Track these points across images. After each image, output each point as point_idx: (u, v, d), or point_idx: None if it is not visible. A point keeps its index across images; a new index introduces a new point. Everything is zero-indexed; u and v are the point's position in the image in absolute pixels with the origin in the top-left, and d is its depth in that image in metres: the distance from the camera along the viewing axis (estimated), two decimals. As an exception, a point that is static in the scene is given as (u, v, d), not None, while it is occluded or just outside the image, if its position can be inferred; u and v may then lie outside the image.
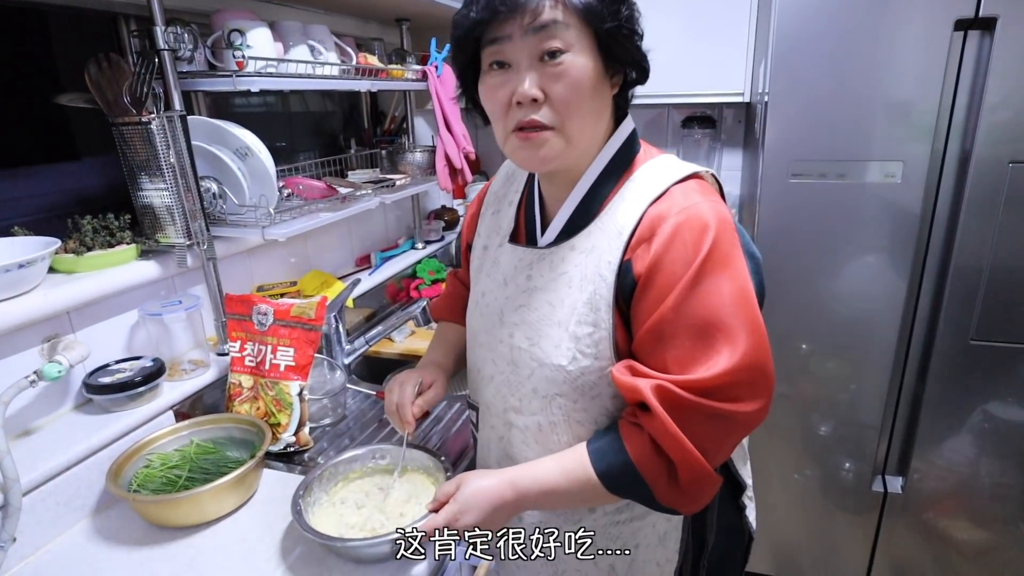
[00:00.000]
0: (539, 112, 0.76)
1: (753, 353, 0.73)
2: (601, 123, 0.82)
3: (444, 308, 1.19)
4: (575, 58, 0.74)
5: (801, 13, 1.53)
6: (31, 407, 1.10)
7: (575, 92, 0.75)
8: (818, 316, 1.75)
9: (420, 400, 1.00)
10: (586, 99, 0.76)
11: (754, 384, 0.75)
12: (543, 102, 0.76)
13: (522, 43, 0.74)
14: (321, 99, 1.94)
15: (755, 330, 0.74)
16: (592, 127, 0.80)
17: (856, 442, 1.84)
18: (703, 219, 0.75)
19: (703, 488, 0.78)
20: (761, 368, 0.75)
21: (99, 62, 1.11)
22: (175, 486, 1.06)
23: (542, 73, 0.75)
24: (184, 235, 1.21)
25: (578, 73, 0.75)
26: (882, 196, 1.60)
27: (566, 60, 0.74)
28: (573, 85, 0.75)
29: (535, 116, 0.76)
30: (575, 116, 0.77)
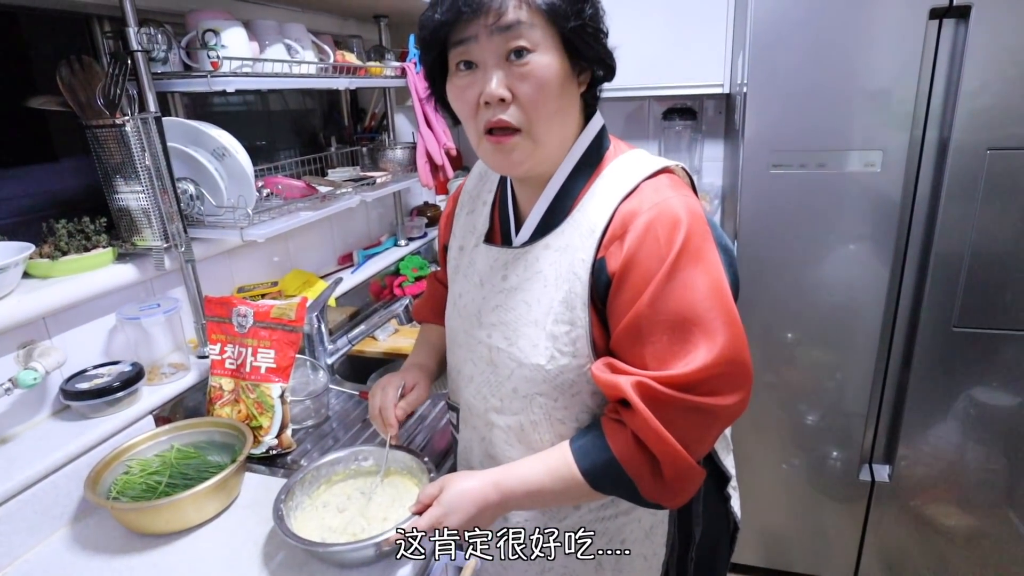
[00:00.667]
0: (507, 112, 0.76)
1: (730, 346, 0.73)
2: (569, 122, 0.82)
3: (425, 309, 1.19)
4: (541, 57, 0.74)
5: (778, 4, 1.53)
6: (7, 415, 1.08)
7: (541, 91, 0.75)
8: (802, 305, 1.76)
9: (403, 403, 1.01)
10: (553, 98, 0.76)
11: (733, 377, 0.75)
12: (511, 102, 0.75)
13: (488, 43, 0.74)
14: (301, 97, 1.92)
15: (731, 323, 0.74)
16: (560, 127, 0.80)
17: (843, 431, 1.85)
18: (674, 214, 0.75)
19: (687, 482, 0.78)
20: (739, 361, 0.75)
21: (71, 64, 1.09)
22: (155, 492, 1.04)
23: (508, 73, 0.75)
24: (161, 237, 1.19)
25: (544, 72, 0.74)
26: (862, 185, 1.61)
27: (532, 59, 0.74)
28: (539, 84, 0.75)
29: (503, 116, 0.76)
30: (542, 116, 0.77)
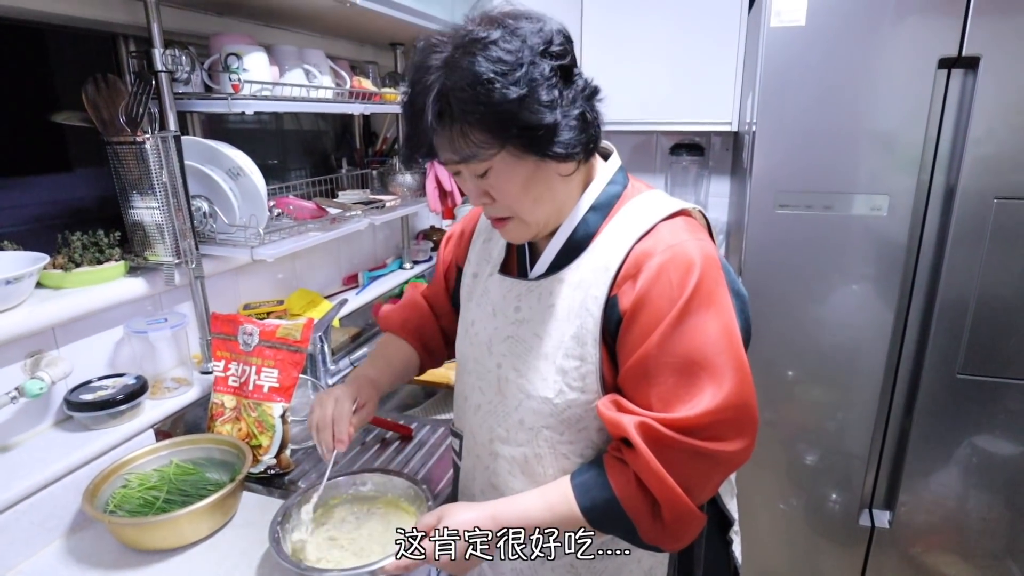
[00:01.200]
0: (493, 207, 0.83)
1: (737, 392, 0.73)
2: (562, 194, 0.83)
3: (396, 320, 1.14)
4: (500, 171, 0.77)
5: (788, 46, 1.56)
6: (10, 423, 1.09)
7: (509, 195, 0.79)
8: (804, 343, 1.76)
9: (355, 419, 0.97)
10: (524, 194, 0.79)
11: (738, 423, 0.75)
12: (493, 201, 0.81)
13: (458, 166, 0.79)
14: (314, 119, 1.96)
15: (739, 369, 0.74)
16: (548, 204, 0.82)
17: (843, 473, 1.83)
18: (689, 257, 0.75)
19: (687, 527, 0.77)
20: (745, 407, 0.75)
21: (96, 82, 1.12)
22: (152, 508, 1.04)
23: (482, 183, 0.80)
24: (173, 253, 1.21)
25: (506, 183, 0.78)
26: (868, 228, 1.62)
27: (491, 175, 0.78)
28: (505, 191, 0.79)
29: (491, 210, 0.84)
30: (523, 207, 0.81)
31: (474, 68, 0.70)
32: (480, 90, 0.70)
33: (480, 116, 0.72)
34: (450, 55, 0.72)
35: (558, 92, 0.73)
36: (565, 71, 0.75)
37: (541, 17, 0.76)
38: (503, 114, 0.71)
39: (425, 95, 0.73)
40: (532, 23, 0.74)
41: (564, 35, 0.76)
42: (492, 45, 0.71)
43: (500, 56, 0.70)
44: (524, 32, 0.73)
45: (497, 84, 0.69)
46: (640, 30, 2.06)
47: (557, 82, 0.74)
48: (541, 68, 0.72)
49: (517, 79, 0.70)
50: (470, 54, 0.70)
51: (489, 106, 0.70)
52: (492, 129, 0.73)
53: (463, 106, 0.71)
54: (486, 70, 0.69)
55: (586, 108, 0.77)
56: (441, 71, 0.72)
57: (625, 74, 2.09)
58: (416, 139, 0.77)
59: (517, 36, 0.72)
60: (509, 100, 0.70)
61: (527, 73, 0.71)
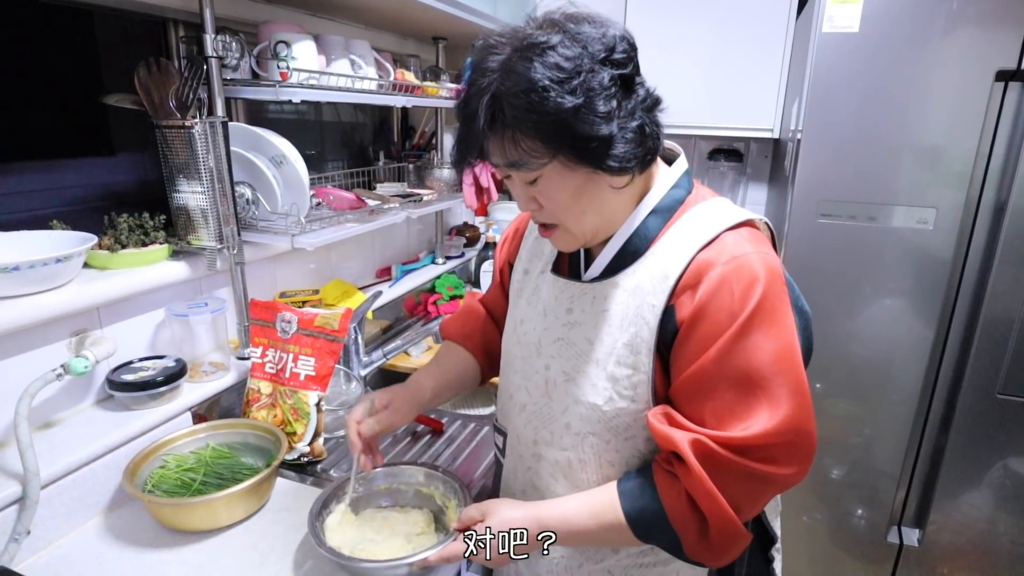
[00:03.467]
0: (541, 213, 0.81)
1: (794, 416, 0.71)
2: (610, 206, 0.80)
3: (455, 327, 1.15)
4: (550, 179, 0.76)
5: (839, 53, 1.53)
6: (54, 400, 1.11)
7: (559, 205, 0.78)
8: (837, 356, 1.73)
9: (369, 420, 0.96)
10: (572, 206, 0.78)
11: (793, 447, 0.73)
12: (540, 207, 0.80)
13: (507, 171, 0.78)
14: (353, 110, 1.96)
15: (798, 391, 0.72)
16: (596, 216, 0.80)
17: (871, 489, 1.80)
18: (752, 270, 0.73)
19: (732, 545, 0.76)
20: (802, 432, 0.72)
21: (149, 65, 1.13)
22: (189, 489, 1.06)
23: (531, 189, 0.78)
24: (216, 239, 1.22)
25: (555, 193, 0.77)
26: (913, 242, 1.59)
27: (541, 183, 0.77)
28: (554, 200, 0.78)
29: (538, 216, 0.83)
30: (570, 217, 0.80)
31: (530, 74, 0.68)
32: (534, 97, 0.68)
33: (533, 124, 0.70)
34: (507, 58, 0.70)
35: (616, 103, 0.71)
36: (626, 80, 0.73)
37: (605, 21, 0.74)
38: (556, 123, 0.69)
39: (479, 97, 0.71)
40: (595, 28, 0.72)
41: (628, 42, 0.74)
42: (551, 51, 0.69)
43: (558, 63, 0.68)
44: (585, 38, 0.70)
45: (552, 92, 0.68)
46: (684, 32, 2.03)
47: (616, 92, 0.71)
48: (600, 77, 0.69)
49: (574, 88, 0.68)
50: (527, 59, 0.69)
51: (542, 114, 0.69)
52: (544, 138, 0.71)
53: (516, 112, 0.70)
54: (542, 77, 0.68)
55: (645, 120, 0.74)
56: (497, 74, 0.70)
57: (666, 76, 2.05)
58: (468, 141, 0.76)
59: (578, 42, 0.70)
60: (564, 109, 0.68)
61: (585, 82, 0.68)
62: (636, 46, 0.75)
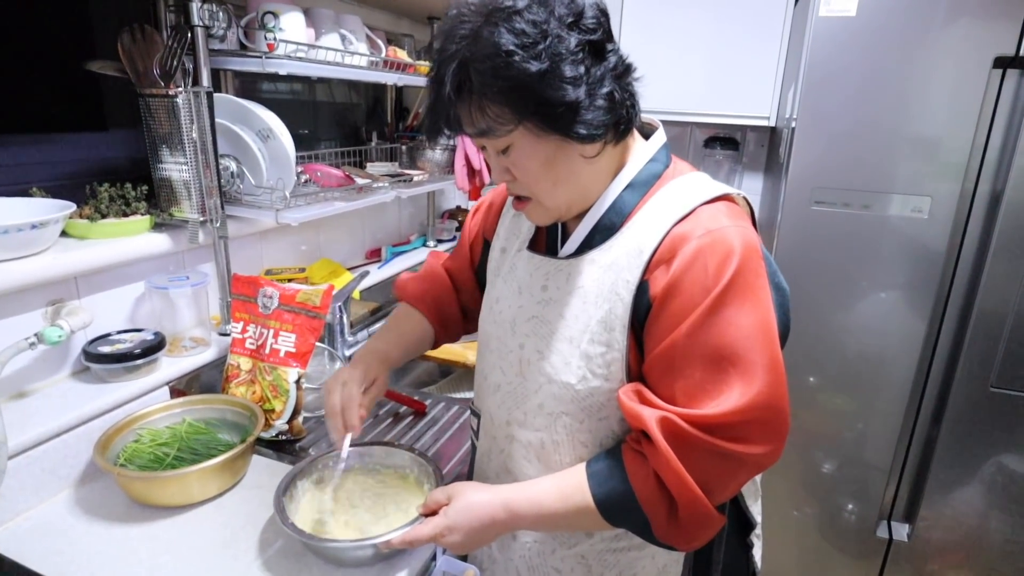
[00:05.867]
0: (515, 185, 0.80)
1: (768, 392, 0.69)
2: (584, 177, 0.79)
3: (414, 291, 1.11)
4: (521, 148, 0.75)
5: (836, 38, 1.51)
6: (29, 369, 1.09)
7: (531, 175, 0.77)
8: (829, 348, 1.71)
9: (366, 400, 0.95)
10: (544, 176, 0.77)
11: (766, 425, 0.71)
12: (514, 178, 0.79)
13: (479, 140, 0.77)
14: (347, 90, 1.94)
15: (773, 368, 0.70)
16: (570, 187, 0.79)
17: (861, 483, 1.79)
18: (728, 244, 0.71)
19: (703, 527, 0.74)
20: (775, 408, 0.71)
21: (133, 32, 1.11)
22: (162, 464, 1.04)
23: (504, 160, 0.77)
24: (198, 211, 1.20)
25: (526, 162, 0.76)
26: (907, 231, 1.57)
27: (513, 153, 0.76)
28: (525, 170, 0.77)
29: (512, 188, 0.81)
30: (543, 189, 0.78)
31: (494, 39, 0.67)
32: (499, 62, 0.67)
33: (498, 89, 0.69)
34: (475, 25, 0.69)
35: (584, 68, 0.69)
36: (595, 46, 0.71)
37: None
38: (522, 89, 0.68)
39: (447, 64, 0.71)
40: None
41: (599, 8, 0.72)
42: (516, 15, 0.68)
43: (523, 28, 0.67)
44: (552, 3, 0.69)
45: (517, 57, 0.66)
46: (681, 17, 2.01)
47: (585, 58, 0.70)
48: (567, 42, 0.68)
49: (539, 52, 0.67)
50: (493, 24, 0.68)
51: (507, 80, 0.68)
52: (510, 103, 0.70)
53: (481, 78, 0.69)
54: (507, 41, 0.67)
55: (615, 87, 0.73)
56: (465, 41, 0.69)
57: (663, 62, 2.05)
58: (437, 110, 0.75)
59: (544, 7, 0.69)
60: (529, 74, 0.67)
61: (551, 46, 0.67)
62: (608, 13, 0.74)
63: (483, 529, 0.80)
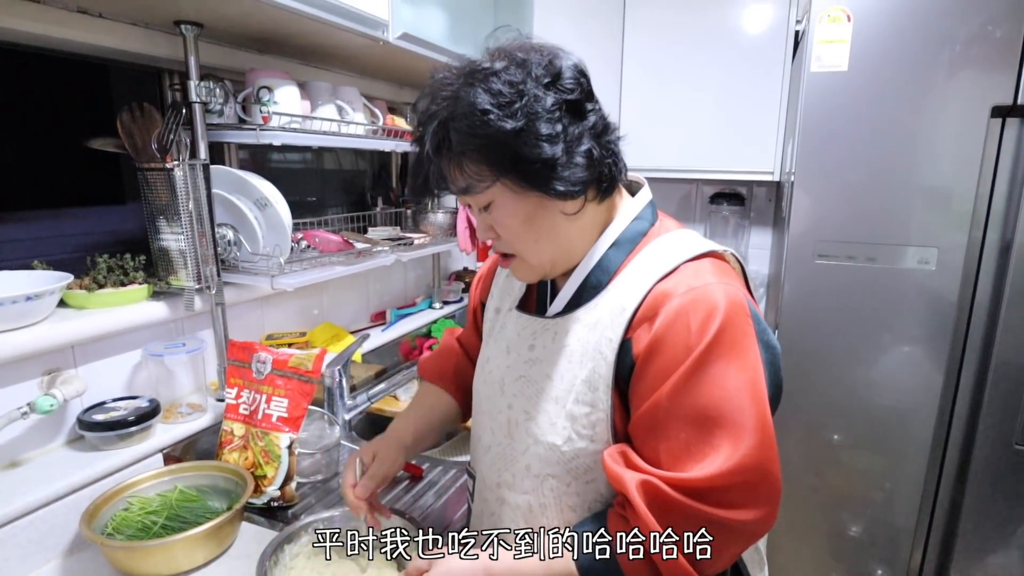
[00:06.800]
0: (499, 243, 0.81)
1: (756, 454, 0.67)
2: (565, 234, 0.79)
3: (431, 368, 1.13)
4: (502, 204, 0.76)
5: (829, 92, 1.52)
6: (23, 438, 1.10)
7: (512, 232, 0.78)
8: (850, 405, 1.65)
9: (364, 480, 0.93)
10: (525, 233, 0.77)
11: (755, 489, 0.68)
12: (498, 236, 0.80)
13: (462, 198, 0.79)
14: (353, 158, 2.00)
15: (761, 429, 0.68)
16: (551, 244, 0.79)
17: (889, 546, 1.69)
18: (711, 301, 0.70)
19: None
20: (764, 471, 0.68)
21: (132, 110, 1.16)
22: (149, 533, 1.03)
23: (486, 217, 0.79)
24: (195, 279, 1.23)
25: (508, 219, 0.76)
26: (916, 282, 1.53)
27: (495, 210, 0.77)
28: (507, 227, 0.77)
29: (497, 246, 0.82)
30: (526, 246, 0.79)
31: (472, 99, 0.69)
32: (476, 120, 0.69)
33: (476, 147, 0.71)
34: (457, 87, 0.71)
35: (561, 127, 0.71)
36: (573, 106, 0.73)
37: (555, 51, 0.74)
38: (498, 145, 0.70)
39: (428, 124, 0.73)
40: (541, 56, 0.73)
41: (578, 69, 0.74)
42: (494, 76, 0.70)
43: (499, 88, 0.69)
44: (530, 64, 0.71)
45: (492, 115, 0.68)
46: (684, 77, 2.05)
47: (561, 116, 0.71)
48: (543, 101, 0.70)
49: (515, 111, 0.69)
50: (470, 85, 0.70)
51: (484, 137, 0.69)
52: (488, 160, 0.72)
53: (459, 136, 0.70)
54: (483, 101, 0.69)
55: (594, 145, 0.74)
56: (446, 101, 0.72)
57: (665, 122, 2.08)
58: (417, 168, 0.77)
59: (522, 68, 0.71)
60: (504, 131, 0.69)
61: (527, 105, 0.69)
62: (587, 74, 0.76)
63: None
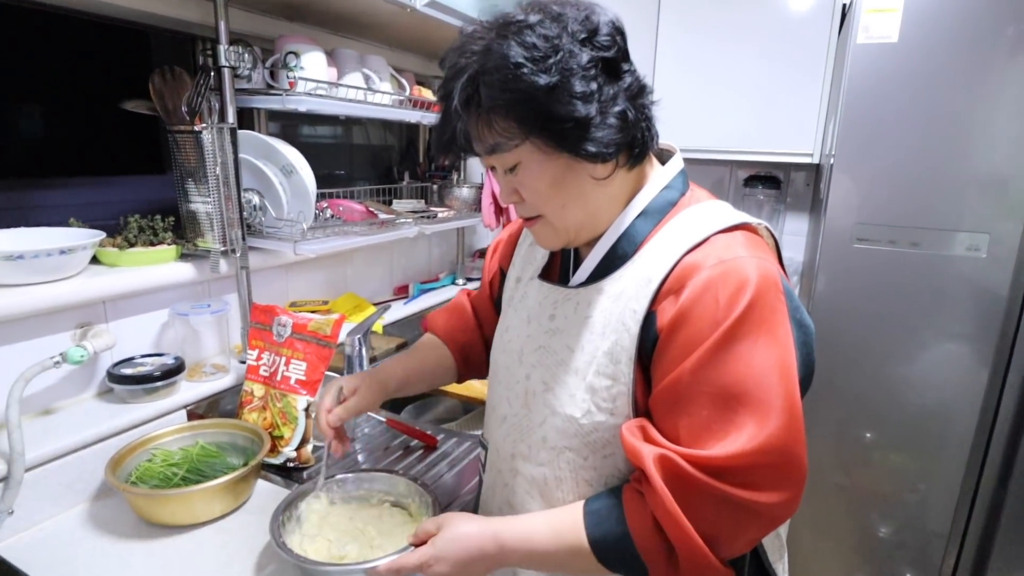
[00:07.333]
0: (523, 206, 0.79)
1: (782, 436, 0.64)
2: (594, 200, 0.76)
3: (439, 321, 1.11)
4: (529, 166, 0.73)
5: (877, 66, 1.44)
6: (57, 388, 1.15)
7: (537, 194, 0.76)
8: (885, 402, 1.58)
9: (339, 409, 0.93)
10: (552, 196, 0.75)
11: (778, 470, 0.65)
12: (522, 199, 0.78)
13: (488, 159, 0.76)
14: (382, 132, 2.01)
15: (788, 410, 0.65)
16: (578, 210, 0.76)
17: (920, 550, 1.62)
18: (742, 274, 0.67)
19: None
20: (789, 454, 0.65)
21: (163, 73, 1.19)
22: (170, 483, 1.06)
23: (511, 179, 0.76)
24: (220, 241, 1.26)
25: (534, 181, 0.74)
26: (963, 271, 1.45)
27: (521, 171, 0.74)
28: (532, 189, 0.75)
29: (520, 209, 0.80)
30: (551, 209, 0.77)
31: (504, 51, 0.67)
32: (508, 74, 0.66)
33: (505, 103, 0.68)
34: (488, 40, 0.69)
35: (596, 85, 0.68)
36: (609, 64, 0.70)
37: (591, 6, 0.72)
38: (530, 102, 0.67)
39: (457, 79, 0.70)
40: (578, 10, 0.70)
41: (614, 26, 0.71)
42: (528, 30, 0.67)
43: (534, 42, 0.67)
44: (566, 18, 0.69)
45: (525, 69, 0.66)
46: (719, 51, 1.97)
47: (596, 75, 0.69)
48: (579, 58, 0.67)
49: (549, 66, 0.66)
50: (504, 38, 0.68)
51: (515, 92, 0.67)
52: (518, 117, 0.69)
53: (489, 91, 0.68)
54: (516, 54, 0.66)
55: (629, 107, 0.71)
56: (476, 55, 0.69)
57: (701, 98, 2.01)
58: (443, 125, 0.74)
59: (558, 22, 0.68)
60: (537, 87, 0.66)
61: (561, 61, 0.67)
62: (624, 32, 0.73)
63: (471, 561, 0.76)
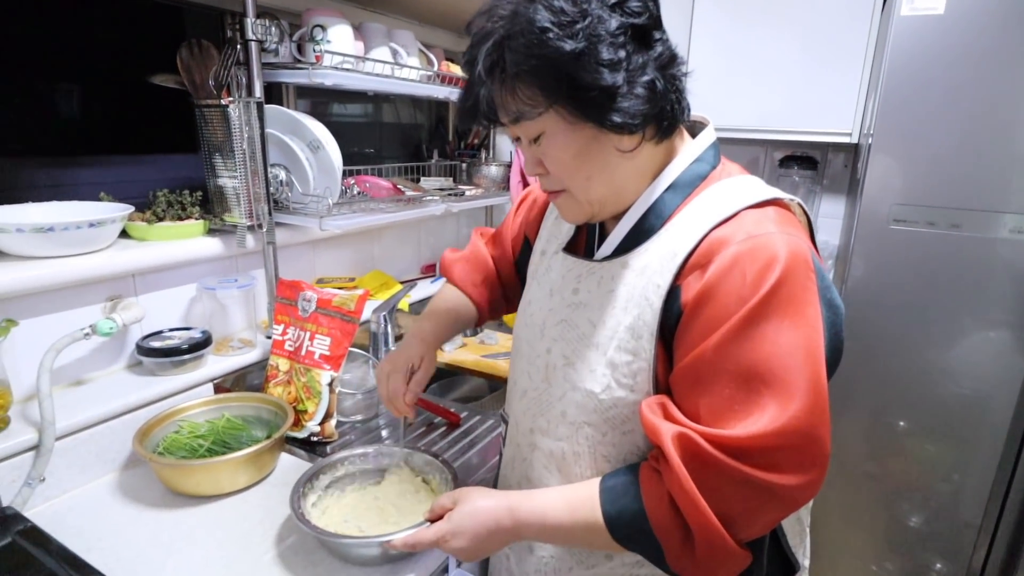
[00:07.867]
0: (547, 179, 0.77)
1: (806, 418, 0.62)
2: (620, 174, 0.74)
3: (457, 269, 1.11)
4: (554, 136, 0.71)
5: (921, 39, 1.38)
6: (88, 360, 1.17)
7: (562, 166, 0.73)
8: (919, 390, 1.53)
9: (413, 385, 0.97)
10: (577, 168, 0.73)
11: (800, 452, 0.63)
12: (547, 172, 0.76)
13: (513, 130, 0.74)
14: (411, 110, 2.00)
15: (814, 391, 0.63)
16: (603, 184, 0.74)
17: (951, 541, 1.57)
18: (771, 251, 0.65)
19: (720, 562, 0.66)
20: (812, 436, 0.63)
21: (191, 47, 1.19)
22: (195, 455, 1.08)
23: (535, 150, 0.74)
24: (247, 216, 1.26)
25: (559, 152, 0.72)
26: (1005, 255, 1.39)
27: (544, 142, 0.72)
28: (556, 161, 0.73)
29: (544, 182, 0.78)
30: (576, 182, 0.74)
31: (531, 15, 0.64)
32: (533, 39, 0.64)
33: (531, 68, 0.66)
34: (515, 5, 0.67)
35: (624, 53, 0.66)
36: (639, 32, 0.67)
37: None
38: (555, 68, 0.65)
39: (482, 44, 0.68)
40: None
41: None
42: None
43: (561, 6, 0.64)
44: None
45: (551, 34, 0.63)
46: (754, 25, 1.89)
47: (625, 42, 0.66)
48: (607, 24, 0.65)
49: (576, 32, 0.64)
50: (532, 1, 0.65)
51: (540, 58, 0.65)
52: (542, 85, 0.67)
53: (514, 56, 0.66)
54: (543, 19, 0.64)
55: (658, 77, 0.68)
56: (502, 20, 0.67)
57: (733, 75, 1.95)
58: (467, 92, 0.72)
59: None
60: (563, 53, 0.64)
61: (589, 26, 0.64)
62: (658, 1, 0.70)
63: (487, 535, 0.76)
